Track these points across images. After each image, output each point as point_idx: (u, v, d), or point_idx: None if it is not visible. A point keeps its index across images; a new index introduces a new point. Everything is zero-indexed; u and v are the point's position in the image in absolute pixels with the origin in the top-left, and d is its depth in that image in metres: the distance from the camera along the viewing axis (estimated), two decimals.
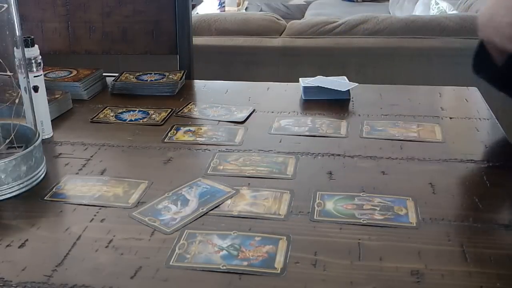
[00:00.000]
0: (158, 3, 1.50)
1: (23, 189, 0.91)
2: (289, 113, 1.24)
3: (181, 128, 1.17)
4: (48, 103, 1.13)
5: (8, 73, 0.95)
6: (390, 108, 1.25)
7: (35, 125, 1.00)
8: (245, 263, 0.72)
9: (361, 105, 1.27)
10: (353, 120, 1.19)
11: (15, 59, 1.00)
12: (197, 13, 3.70)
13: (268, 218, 0.83)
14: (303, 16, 4.11)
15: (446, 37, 2.00)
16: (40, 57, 1.08)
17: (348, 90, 1.31)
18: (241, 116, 1.22)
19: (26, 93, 1.00)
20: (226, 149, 1.07)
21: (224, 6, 4.63)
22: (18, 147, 0.96)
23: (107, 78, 1.44)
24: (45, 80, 1.10)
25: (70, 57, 1.62)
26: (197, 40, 1.77)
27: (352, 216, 0.83)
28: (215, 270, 0.71)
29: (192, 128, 1.16)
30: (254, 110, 1.25)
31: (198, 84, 1.48)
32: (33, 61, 1.06)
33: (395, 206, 0.85)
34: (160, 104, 1.30)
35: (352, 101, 1.30)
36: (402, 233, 0.79)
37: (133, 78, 1.43)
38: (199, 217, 0.83)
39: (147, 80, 1.41)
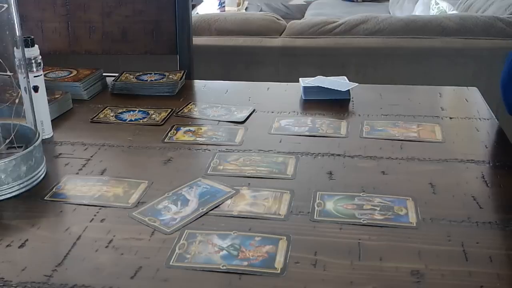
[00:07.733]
0: (158, 3, 1.50)
1: (23, 189, 0.91)
2: (289, 113, 1.24)
3: (181, 128, 1.17)
4: (48, 103, 1.13)
5: (8, 73, 0.95)
6: (390, 108, 1.25)
7: (35, 125, 1.00)
8: (245, 263, 0.72)
9: (361, 105, 1.27)
10: (353, 120, 1.19)
11: (15, 59, 1.00)
12: (197, 13, 3.70)
13: (268, 218, 0.83)
14: (303, 16, 4.11)
15: (446, 37, 2.00)
16: (40, 57, 1.08)
17: (348, 90, 1.31)
18: (241, 116, 1.22)
19: (26, 93, 1.00)
20: (226, 149, 1.07)
21: (224, 6, 4.63)
22: (18, 147, 0.96)
23: (107, 78, 1.44)
24: (45, 80, 1.10)
25: (70, 57, 1.62)
26: (197, 40, 1.77)
27: (352, 216, 0.83)
28: (215, 270, 0.71)
29: (192, 128, 1.16)
30: (254, 110, 1.25)
31: (198, 84, 1.48)
32: (33, 61, 1.06)
33: (395, 206, 0.85)
34: (160, 104, 1.30)
35: (352, 101, 1.30)
36: (402, 233, 0.79)
37: (133, 78, 1.42)
38: (199, 217, 0.83)
39: (147, 80, 1.41)
